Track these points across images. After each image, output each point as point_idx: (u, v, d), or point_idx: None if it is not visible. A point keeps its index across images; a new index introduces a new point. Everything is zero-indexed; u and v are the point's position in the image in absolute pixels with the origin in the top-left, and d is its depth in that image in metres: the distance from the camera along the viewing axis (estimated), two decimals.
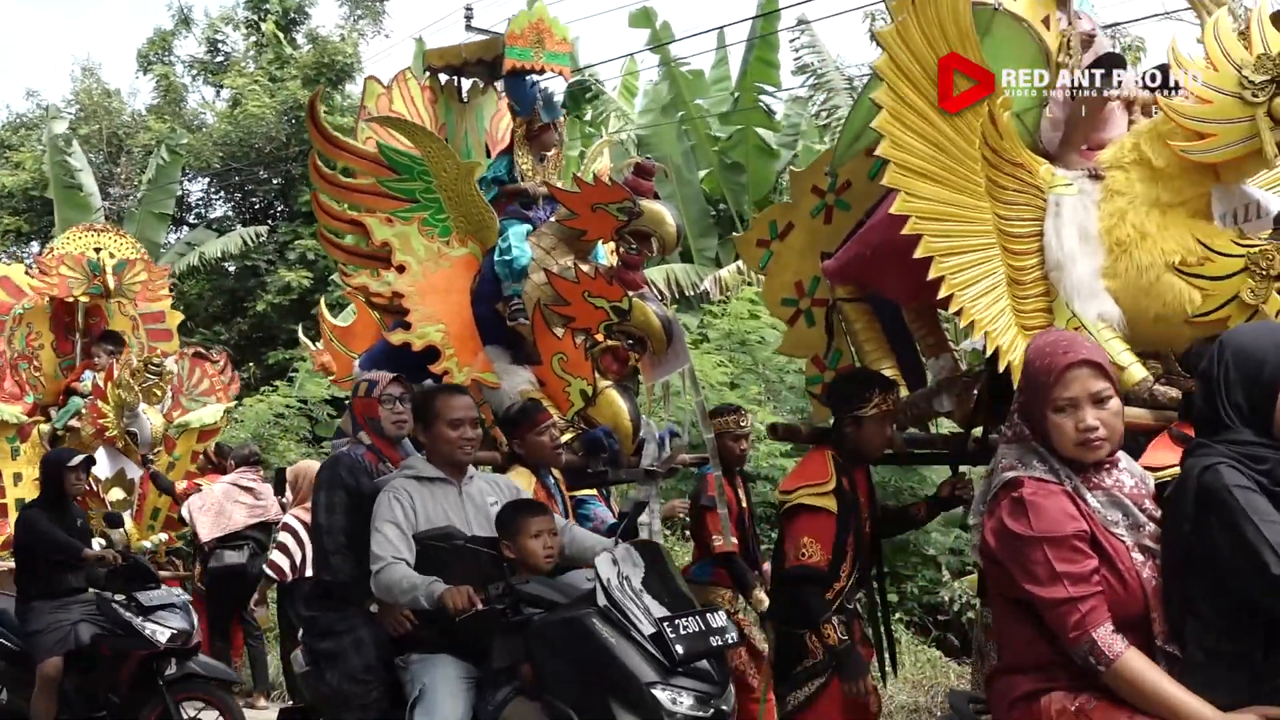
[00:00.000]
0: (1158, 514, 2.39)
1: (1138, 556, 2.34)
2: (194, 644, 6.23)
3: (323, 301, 6.38)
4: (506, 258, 4.79)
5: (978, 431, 4.31)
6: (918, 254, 3.53)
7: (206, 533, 8.26)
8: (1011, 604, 2.42)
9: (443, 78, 5.42)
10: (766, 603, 4.98)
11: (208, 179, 21.46)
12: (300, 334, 6.35)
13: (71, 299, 8.95)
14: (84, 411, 8.37)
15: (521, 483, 4.38)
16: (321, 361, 5.79)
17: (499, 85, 5.49)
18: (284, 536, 7.27)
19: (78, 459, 6.54)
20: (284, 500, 8.29)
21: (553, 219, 4.98)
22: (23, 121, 22.03)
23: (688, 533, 6.94)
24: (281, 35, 21.18)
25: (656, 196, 4.84)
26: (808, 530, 4.03)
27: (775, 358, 10.37)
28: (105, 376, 8.23)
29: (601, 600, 3.42)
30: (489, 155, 5.41)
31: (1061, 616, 2.28)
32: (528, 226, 4.96)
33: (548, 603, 3.53)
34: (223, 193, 21.76)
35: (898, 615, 8.68)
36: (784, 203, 5.00)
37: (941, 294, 3.57)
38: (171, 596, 6.31)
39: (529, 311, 4.85)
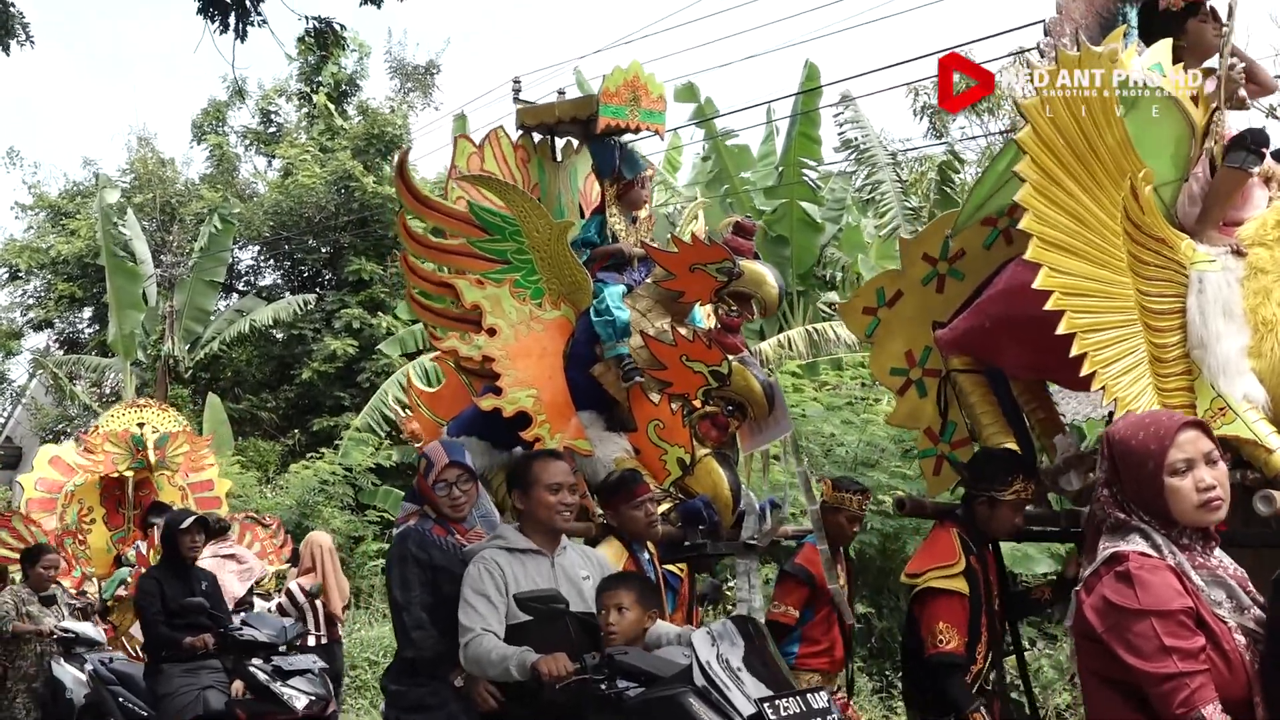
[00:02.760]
0: (1261, 599, 2.35)
1: (1240, 639, 2.29)
2: (330, 712, 6.17)
3: (412, 373, 6.23)
4: (608, 317, 4.62)
5: None
6: (1060, 330, 3.42)
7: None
8: (1107, 684, 2.33)
9: (536, 137, 5.30)
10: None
11: (257, 247, 21.67)
12: (394, 403, 6.18)
13: (117, 474, 9.27)
14: (129, 580, 8.41)
15: (611, 556, 4.19)
16: (411, 429, 5.63)
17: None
18: (284, 601, 7.38)
19: (189, 520, 6.43)
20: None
21: (648, 280, 4.82)
22: (79, 190, 22.37)
23: None
24: (333, 107, 21.50)
25: (756, 256, 4.67)
26: (942, 615, 3.89)
27: (820, 429, 10.12)
28: (149, 544, 8.34)
29: (698, 679, 3.26)
30: (583, 216, 5.28)
31: (1168, 693, 2.20)
32: (623, 287, 4.79)
33: (644, 676, 3.38)
34: (272, 261, 21.95)
35: None
36: (892, 270, 4.83)
37: (1084, 371, 3.44)
38: (308, 663, 6.27)
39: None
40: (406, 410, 5.74)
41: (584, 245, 5.00)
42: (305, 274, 21.65)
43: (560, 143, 5.38)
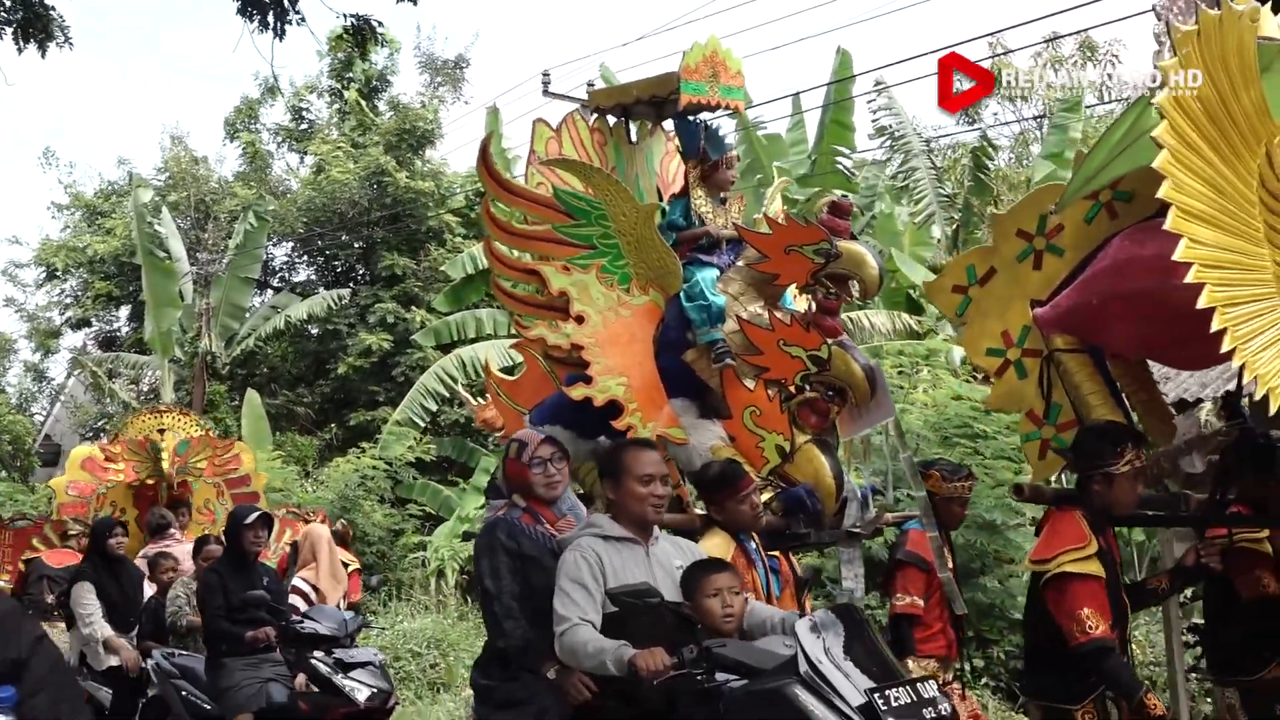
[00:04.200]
0: None
1: None
2: (391, 705, 6.13)
3: (489, 363, 6.14)
4: (702, 302, 4.50)
5: None
6: (1201, 304, 3.22)
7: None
8: None
9: (610, 119, 5.17)
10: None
11: (291, 243, 21.67)
12: (461, 390, 6.08)
13: (138, 482, 9.29)
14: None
15: (719, 549, 4.06)
16: (485, 417, 5.53)
17: (666, 125, 5.25)
18: (294, 600, 7.23)
19: (254, 515, 6.36)
20: None
21: (740, 263, 4.69)
22: (114, 189, 22.45)
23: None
24: (364, 103, 21.46)
25: (853, 237, 4.53)
26: (1085, 600, 3.71)
27: None
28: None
29: (804, 668, 3.16)
30: (660, 199, 5.15)
31: None
32: (715, 271, 4.67)
33: (744, 668, 3.27)
34: (305, 257, 21.95)
35: (984, 680, 8.27)
36: (983, 246, 4.68)
37: (1225, 347, 3.25)
38: (370, 655, 6.23)
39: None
40: (479, 399, 5.63)
41: (670, 229, 4.87)
42: (339, 269, 21.65)
43: (634, 125, 5.24)
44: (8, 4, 7.02)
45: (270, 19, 6.85)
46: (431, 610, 13.80)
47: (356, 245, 20.80)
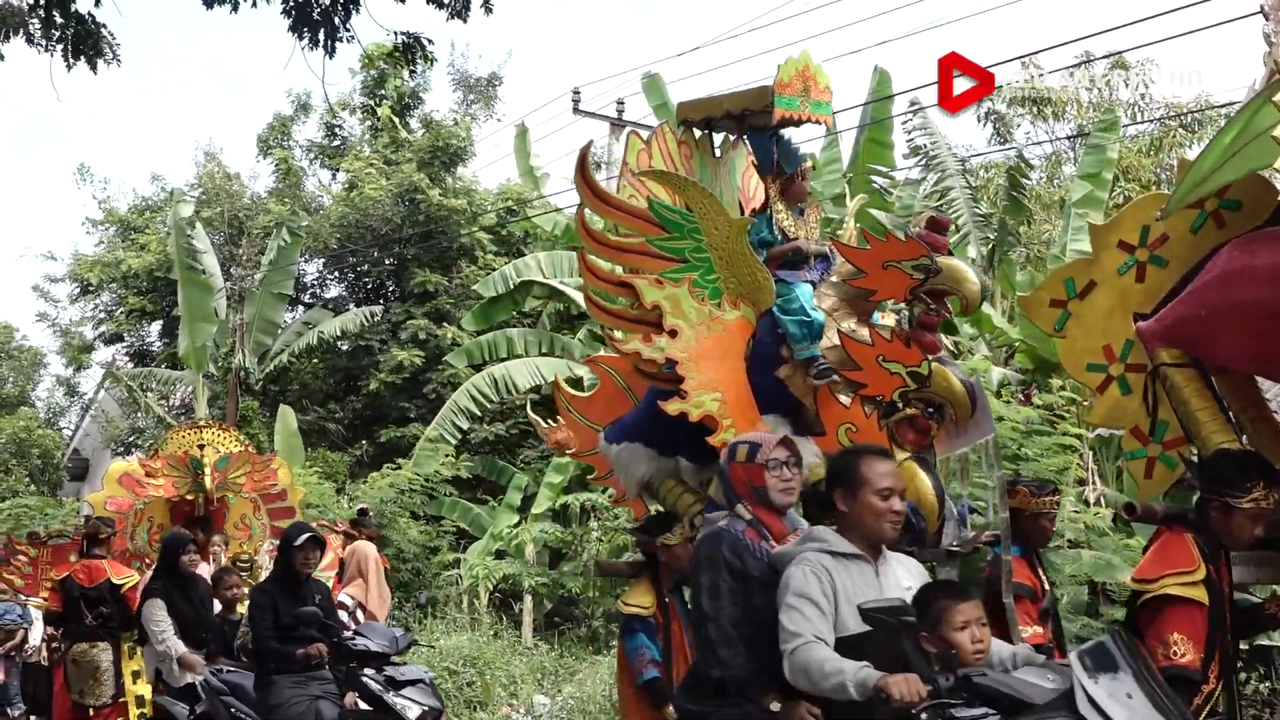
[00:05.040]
0: None
1: None
2: None
3: (559, 378, 6.08)
4: (802, 318, 4.43)
5: None
6: None
7: None
8: None
9: (696, 132, 5.13)
10: None
11: (323, 260, 21.73)
12: (529, 411, 6.00)
13: (177, 498, 9.22)
14: None
15: None
16: (556, 438, 5.45)
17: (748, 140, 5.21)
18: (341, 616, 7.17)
19: (304, 536, 6.31)
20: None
21: (833, 278, 4.63)
22: (148, 204, 22.56)
23: None
24: (396, 120, 21.53)
25: (950, 252, 4.46)
26: (1178, 625, 3.58)
27: None
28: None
29: (1082, 705, 2.88)
30: (742, 212, 5.10)
31: None
32: (810, 286, 4.61)
33: (1010, 701, 2.97)
34: (337, 273, 21.99)
35: None
36: (1082, 259, 4.59)
37: None
38: (420, 673, 6.16)
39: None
40: (549, 421, 5.56)
41: (760, 245, 4.82)
42: (370, 286, 21.68)
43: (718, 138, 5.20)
44: (59, 20, 7.04)
45: (321, 36, 6.87)
46: (466, 628, 13.75)
47: (388, 262, 20.83)
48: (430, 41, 7.24)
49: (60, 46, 7.08)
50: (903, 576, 3.42)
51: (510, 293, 18.20)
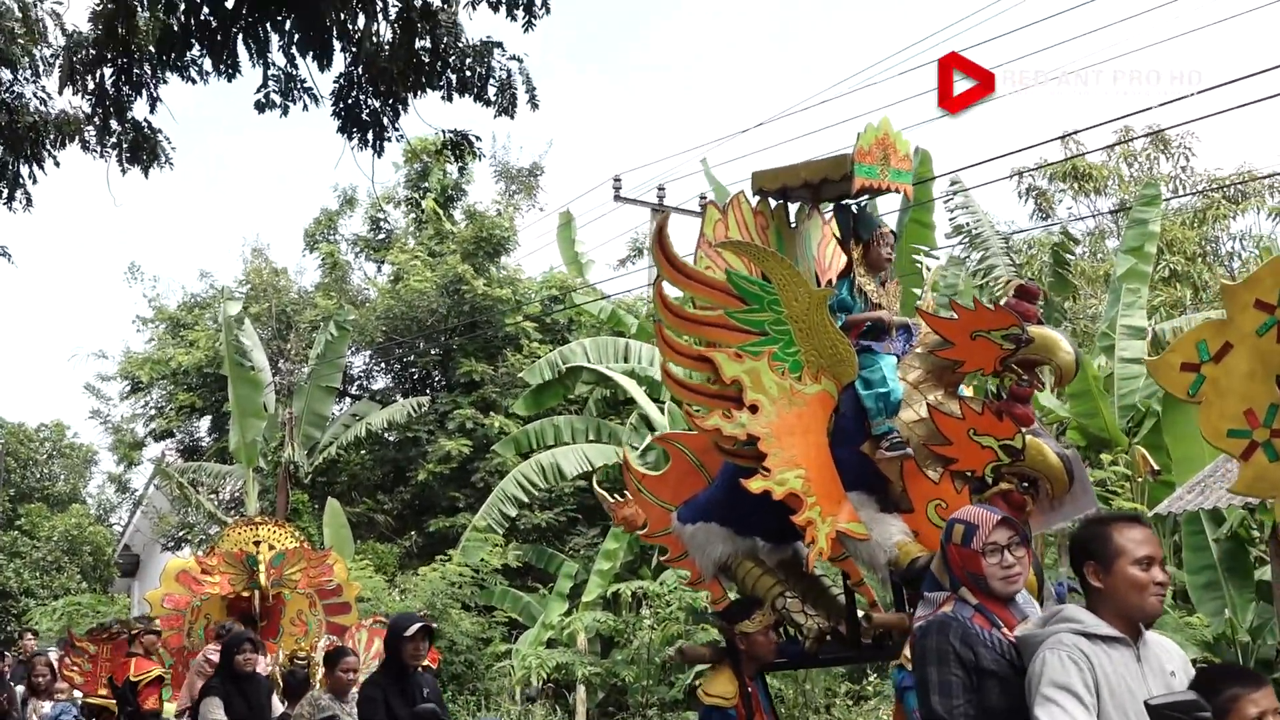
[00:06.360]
0: None
1: None
2: None
3: (628, 456, 5.96)
4: (882, 390, 4.31)
5: None
6: None
7: None
8: None
9: (772, 202, 5.08)
10: None
11: (369, 352, 21.90)
12: (595, 486, 5.87)
13: (233, 594, 9.21)
14: None
15: None
16: (624, 515, 5.30)
17: (823, 210, 5.15)
18: None
19: (415, 627, 6.14)
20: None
21: (918, 349, 4.51)
22: (196, 301, 22.93)
23: None
24: (440, 212, 21.86)
25: (1040, 321, 4.34)
26: None
27: None
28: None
29: None
30: (818, 284, 5.02)
31: None
32: (894, 358, 4.49)
33: None
34: (384, 365, 22.14)
35: None
36: (1215, 320, 4.42)
37: None
38: None
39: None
40: (617, 496, 5.43)
41: (840, 309, 4.72)
42: (417, 377, 21.78)
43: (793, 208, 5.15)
44: (114, 127, 7.19)
45: (370, 136, 7.00)
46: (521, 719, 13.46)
47: (434, 352, 20.95)
48: (478, 138, 7.37)
49: (116, 153, 7.21)
50: (1165, 660, 3.04)
51: (557, 380, 18.22)
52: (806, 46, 56.39)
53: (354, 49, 6.67)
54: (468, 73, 6.63)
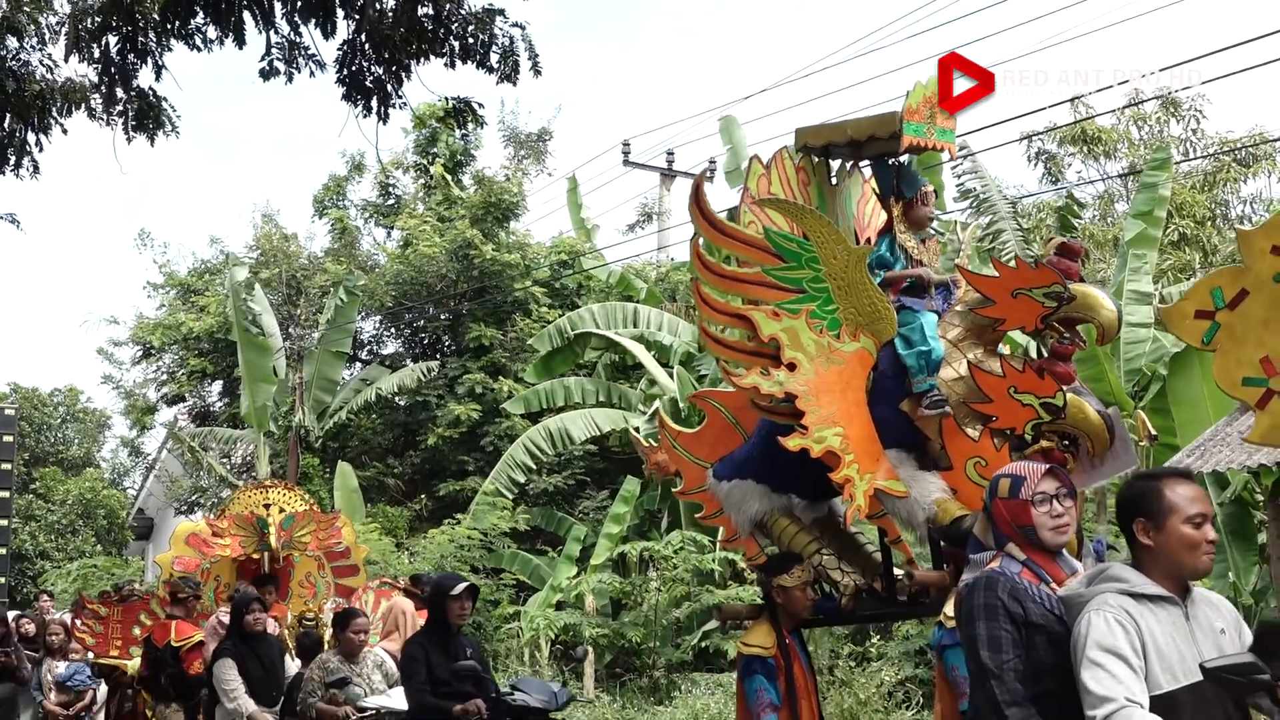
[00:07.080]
0: None
1: None
2: None
3: (661, 411, 5.95)
4: (922, 348, 4.31)
5: None
6: None
7: None
8: None
9: (814, 159, 5.04)
10: None
11: (379, 317, 21.90)
12: (631, 431, 5.89)
13: (243, 557, 9.24)
14: None
15: None
16: (657, 460, 5.30)
17: (863, 167, 5.13)
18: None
19: (461, 586, 6.15)
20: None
21: (958, 307, 4.51)
22: (207, 267, 22.91)
23: None
24: (449, 177, 21.77)
25: (1082, 279, 4.33)
26: None
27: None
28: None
29: None
30: (857, 241, 5.01)
31: None
32: (935, 316, 4.49)
33: None
34: (394, 330, 22.14)
35: None
36: (1231, 267, 4.39)
37: None
38: None
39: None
40: (649, 440, 5.44)
41: (878, 266, 4.71)
42: (426, 341, 21.79)
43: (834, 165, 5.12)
44: (120, 95, 7.15)
45: (374, 104, 6.97)
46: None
47: (444, 317, 20.95)
48: (481, 105, 7.34)
49: (121, 121, 7.18)
50: (1214, 618, 2.97)
51: (566, 345, 18.23)
52: (817, 8, 55.95)
53: (357, 16, 6.63)
54: (470, 39, 6.59)
